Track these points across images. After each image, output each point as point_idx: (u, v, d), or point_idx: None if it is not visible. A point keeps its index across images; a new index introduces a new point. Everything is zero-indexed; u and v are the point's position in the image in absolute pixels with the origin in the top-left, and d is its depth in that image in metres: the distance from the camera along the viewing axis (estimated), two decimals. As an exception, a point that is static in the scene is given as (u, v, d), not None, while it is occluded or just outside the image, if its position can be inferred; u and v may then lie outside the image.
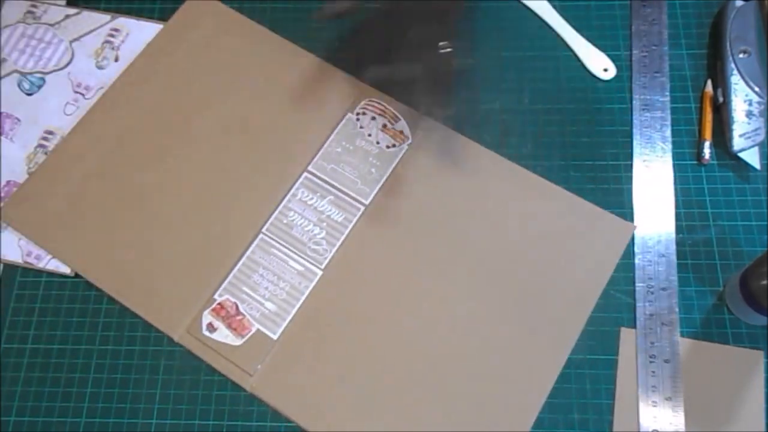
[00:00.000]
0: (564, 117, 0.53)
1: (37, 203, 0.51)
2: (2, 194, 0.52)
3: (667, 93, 0.54)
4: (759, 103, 0.51)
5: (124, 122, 0.53)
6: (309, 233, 0.49)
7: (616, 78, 0.54)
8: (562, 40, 0.56)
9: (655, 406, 0.45)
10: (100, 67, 0.56)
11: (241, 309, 0.47)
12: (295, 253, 0.49)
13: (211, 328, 0.47)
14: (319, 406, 0.45)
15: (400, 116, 0.53)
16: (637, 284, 0.48)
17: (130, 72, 0.55)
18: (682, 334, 0.47)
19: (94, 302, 0.49)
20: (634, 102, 0.53)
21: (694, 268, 0.49)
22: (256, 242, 0.49)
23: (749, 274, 0.44)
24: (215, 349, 0.46)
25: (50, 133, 0.54)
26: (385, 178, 0.51)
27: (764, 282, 0.43)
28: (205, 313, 0.47)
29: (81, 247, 0.49)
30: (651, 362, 0.46)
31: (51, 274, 0.50)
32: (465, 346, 0.46)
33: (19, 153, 0.53)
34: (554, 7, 0.57)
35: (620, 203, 0.50)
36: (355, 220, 0.50)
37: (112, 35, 0.57)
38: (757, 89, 0.51)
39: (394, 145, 0.52)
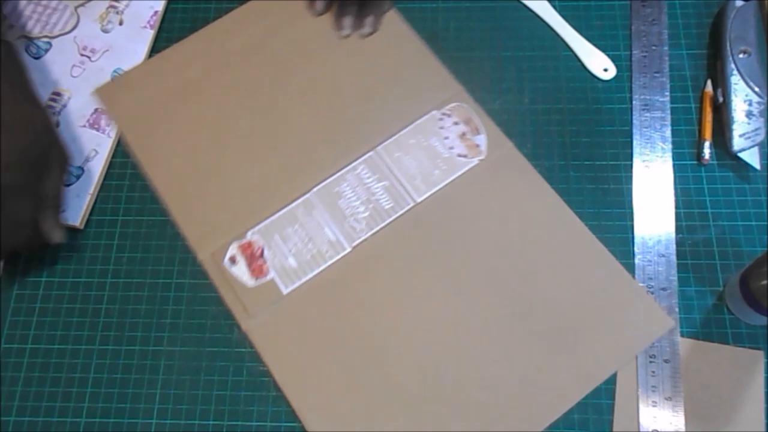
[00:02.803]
0: (564, 117, 0.53)
1: (134, 94, 0.54)
2: None
3: (667, 93, 0.54)
4: (759, 103, 0.51)
5: (225, 56, 0.55)
6: (353, 209, 0.50)
7: (616, 78, 0.54)
8: (562, 40, 0.56)
9: (655, 406, 0.45)
10: (105, 31, 0.58)
11: (265, 254, 0.48)
12: (333, 223, 0.49)
13: (232, 260, 0.48)
14: (307, 375, 0.45)
15: (482, 131, 0.52)
16: (637, 284, 0.48)
17: (233, 18, 0.57)
18: (682, 334, 0.47)
19: (94, 302, 0.49)
20: (634, 102, 0.53)
21: (694, 268, 0.49)
22: (302, 199, 0.50)
23: (749, 274, 0.44)
24: (229, 282, 0.47)
25: (58, 94, 0.55)
26: (444, 183, 0.50)
27: (764, 282, 0.43)
28: (233, 245, 0.48)
29: (155, 146, 0.52)
30: (651, 362, 0.46)
31: (51, 271, 0.50)
32: (482, 368, 0.45)
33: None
34: (554, 7, 0.57)
35: (620, 203, 0.50)
36: (401, 212, 0.49)
37: (116, 0, 0.59)
38: (757, 89, 0.51)
39: (465, 156, 0.51)
